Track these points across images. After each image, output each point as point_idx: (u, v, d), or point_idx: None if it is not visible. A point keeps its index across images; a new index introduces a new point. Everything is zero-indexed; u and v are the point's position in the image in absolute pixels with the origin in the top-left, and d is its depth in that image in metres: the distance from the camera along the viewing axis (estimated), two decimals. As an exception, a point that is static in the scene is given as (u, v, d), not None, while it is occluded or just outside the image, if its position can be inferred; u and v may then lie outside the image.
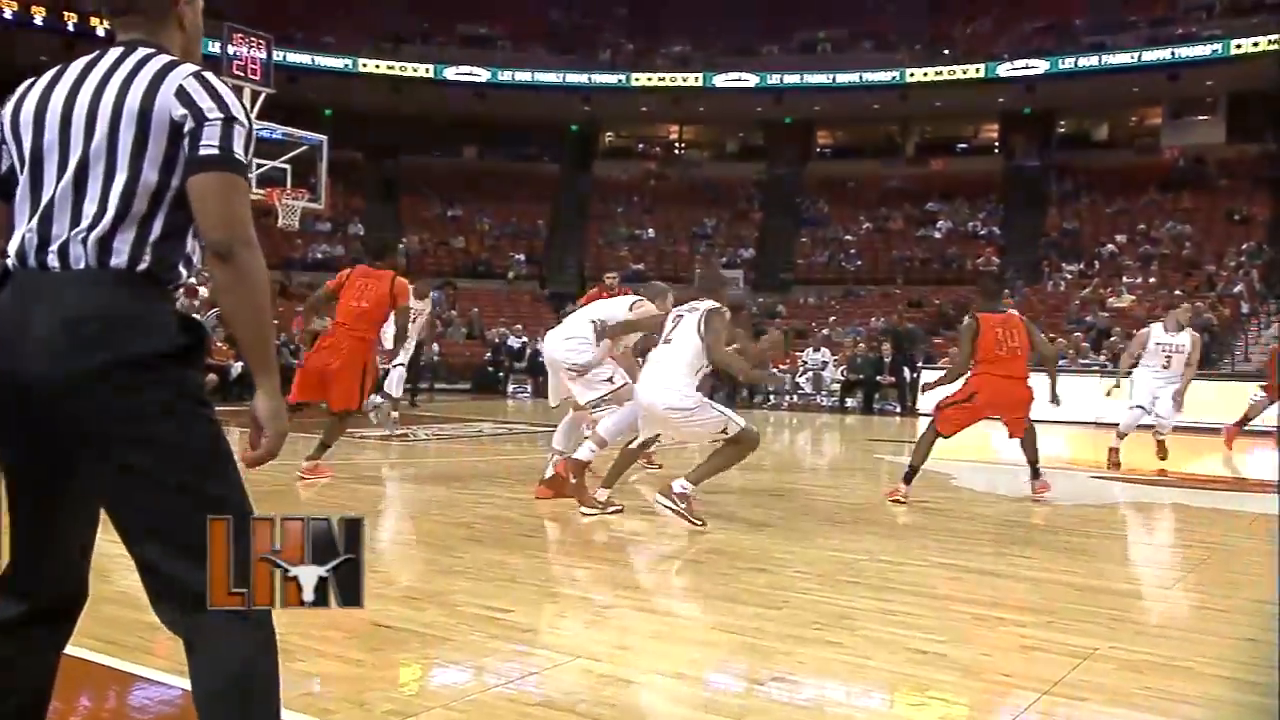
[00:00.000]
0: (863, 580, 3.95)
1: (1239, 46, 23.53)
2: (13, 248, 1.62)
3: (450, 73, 27.65)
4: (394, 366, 9.49)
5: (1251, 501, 6.90)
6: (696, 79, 28.03)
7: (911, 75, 26.77)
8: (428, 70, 27.59)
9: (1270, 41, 23.00)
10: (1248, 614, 3.74)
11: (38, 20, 22.97)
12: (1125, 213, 25.38)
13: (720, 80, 27.92)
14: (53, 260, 1.58)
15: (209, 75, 1.66)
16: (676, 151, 32.47)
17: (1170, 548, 5.20)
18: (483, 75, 27.83)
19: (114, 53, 1.68)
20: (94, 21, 22.74)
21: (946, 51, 27.55)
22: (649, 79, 28.22)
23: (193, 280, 1.77)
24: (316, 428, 6.66)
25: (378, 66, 27.20)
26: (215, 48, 13.06)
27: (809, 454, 10.81)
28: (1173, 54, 24.64)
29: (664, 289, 6.21)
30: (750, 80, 27.85)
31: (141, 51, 1.67)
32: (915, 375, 16.62)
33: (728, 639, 3.18)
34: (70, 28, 23.08)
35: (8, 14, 22.77)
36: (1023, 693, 2.66)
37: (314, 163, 15.52)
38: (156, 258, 1.60)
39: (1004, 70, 26.07)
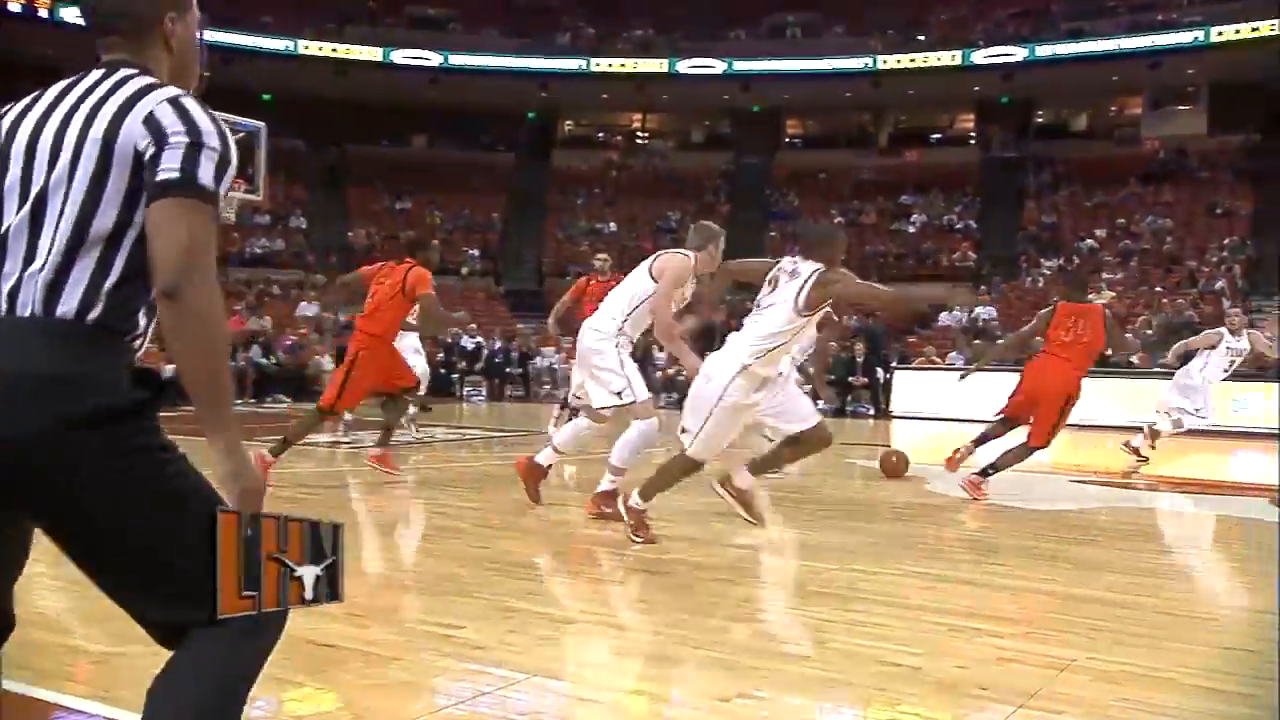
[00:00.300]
0: (833, 591, 3.98)
1: (1220, 34, 24.06)
2: None
3: (398, 56, 27.46)
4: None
5: (1233, 505, 7.05)
6: (660, 65, 28.10)
7: (884, 62, 27.04)
8: (374, 53, 27.38)
9: (1253, 29, 23.55)
10: (1229, 622, 3.83)
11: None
12: (1105, 206, 25.84)
13: (685, 66, 28.00)
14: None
15: (188, 100, 1.59)
16: (639, 141, 32.53)
17: (1151, 554, 5.30)
18: (433, 59, 27.68)
19: (93, 75, 1.63)
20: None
21: (921, 37, 27.87)
22: (610, 64, 28.24)
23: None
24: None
25: (320, 49, 26.93)
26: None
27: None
28: (1153, 41, 25.12)
29: (716, 232, 5.47)
30: (716, 67, 27.97)
31: (121, 74, 1.61)
32: (889, 376, 16.79)
33: (691, 654, 3.18)
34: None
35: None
36: (999, 706, 2.69)
37: (252, 151, 15.31)
38: (110, 305, 1.53)
39: (980, 57, 26.43)
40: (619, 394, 5.25)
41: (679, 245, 5.69)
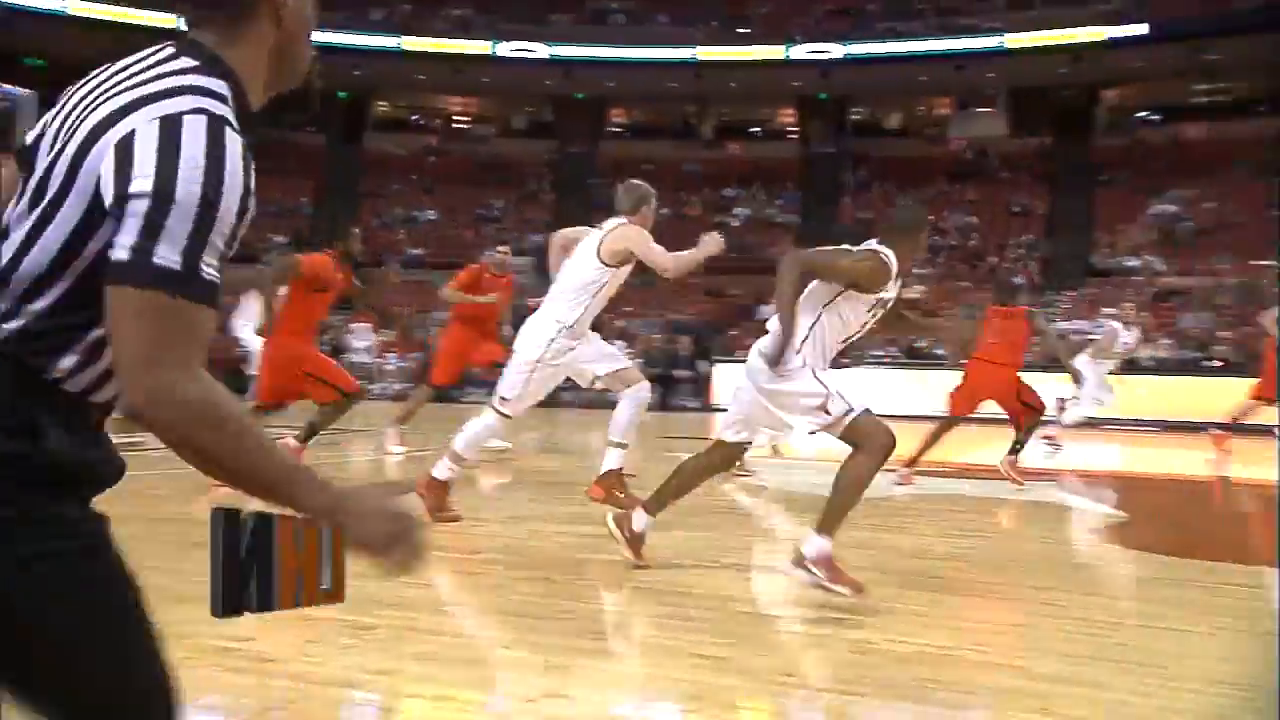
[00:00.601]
0: (647, 585, 4.06)
1: (1015, 41, 25.98)
2: None
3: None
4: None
5: (1026, 490, 7.63)
6: (480, 46, 27.75)
7: (707, 53, 27.67)
8: (160, 19, 25.76)
9: (1044, 37, 25.60)
10: (1014, 600, 4.14)
11: None
12: (917, 203, 27.41)
13: (505, 49, 27.76)
14: None
15: (192, 120, 1.24)
16: (458, 126, 32.03)
17: (947, 538, 5.66)
18: (232, 29, 26.31)
19: (149, 56, 1.35)
20: None
21: (742, 30, 28.67)
22: (426, 44, 27.65)
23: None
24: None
25: (95, 10, 25.09)
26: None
27: (600, 453, 10.96)
28: (957, 45, 26.82)
29: (647, 192, 5.20)
30: (538, 51, 27.87)
31: (173, 64, 1.31)
32: (710, 368, 17.27)
33: (500, 655, 3.18)
34: None
35: None
36: (801, 690, 2.82)
37: (14, 119, 14.18)
38: (24, 342, 1.22)
39: (799, 53, 27.45)
40: (504, 398, 5.11)
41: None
